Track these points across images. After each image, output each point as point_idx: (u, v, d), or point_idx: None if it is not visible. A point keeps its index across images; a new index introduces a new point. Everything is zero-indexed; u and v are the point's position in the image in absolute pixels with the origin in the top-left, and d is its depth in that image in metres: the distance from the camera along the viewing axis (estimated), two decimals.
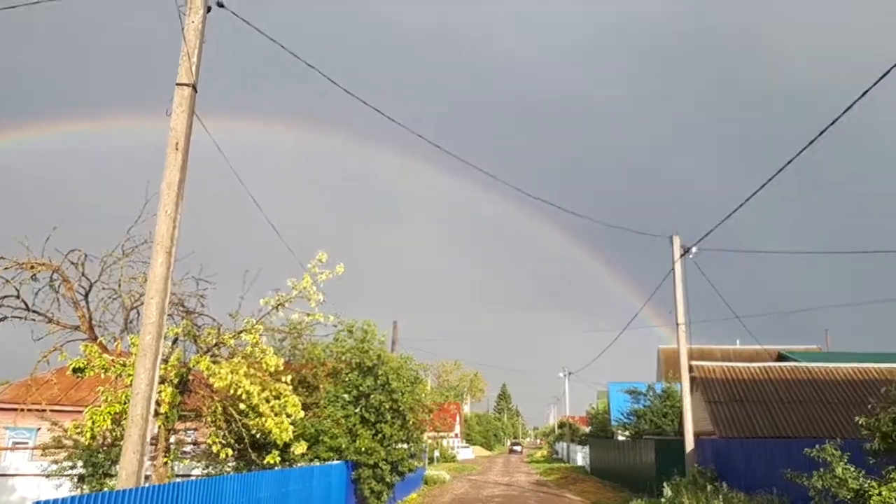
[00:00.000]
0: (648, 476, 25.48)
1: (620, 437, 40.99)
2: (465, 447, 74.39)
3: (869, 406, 11.82)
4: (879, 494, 9.74)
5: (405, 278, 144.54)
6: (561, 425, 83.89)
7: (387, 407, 17.51)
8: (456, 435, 77.06)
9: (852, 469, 10.64)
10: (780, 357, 36.43)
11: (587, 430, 66.64)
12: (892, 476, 10.05)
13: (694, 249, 22.62)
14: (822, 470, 11.12)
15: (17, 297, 11.14)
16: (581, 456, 54.18)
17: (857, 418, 11.69)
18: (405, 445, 18.51)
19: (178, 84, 9.69)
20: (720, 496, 16.56)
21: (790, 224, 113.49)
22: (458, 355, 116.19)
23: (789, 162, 14.41)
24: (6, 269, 10.92)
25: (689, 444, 21.95)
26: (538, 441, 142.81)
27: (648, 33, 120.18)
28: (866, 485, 10.18)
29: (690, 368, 25.54)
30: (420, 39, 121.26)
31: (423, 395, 20.05)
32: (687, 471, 21.41)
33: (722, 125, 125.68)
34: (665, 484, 21.58)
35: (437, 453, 53.23)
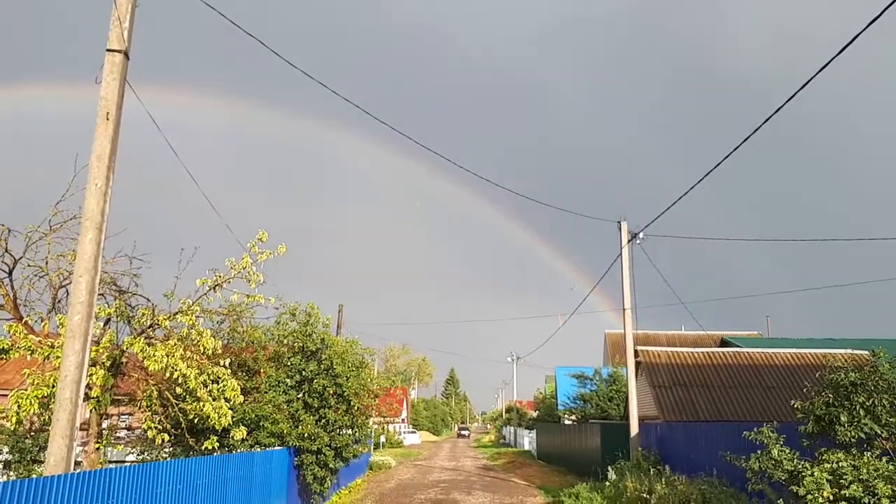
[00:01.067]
0: (594, 460, 25.86)
1: (567, 422, 41.57)
2: (412, 432, 74.47)
3: (804, 390, 12.12)
4: (812, 475, 9.96)
5: (351, 262, 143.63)
6: (508, 410, 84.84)
7: (331, 392, 17.22)
8: (403, 420, 77.10)
9: (787, 451, 10.88)
10: (724, 343, 37.44)
11: (535, 414, 67.57)
12: (824, 457, 10.31)
13: (641, 235, 22.89)
14: (759, 452, 11.34)
15: None
16: (528, 440, 54.84)
17: (792, 402, 11.97)
18: (350, 431, 18.25)
19: (108, 50, 9.15)
20: (663, 479, 16.85)
21: (735, 212, 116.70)
22: (406, 340, 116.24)
23: (734, 150, 14.60)
24: None
25: (634, 428, 22.31)
26: (487, 426, 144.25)
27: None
28: (800, 466, 10.41)
29: (636, 353, 25.96)
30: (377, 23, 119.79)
31: (369, 379, 19.80)
32: (631, 454, 21.76)
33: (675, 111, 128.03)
34: (610, 468, 21.90)
35: (383, 439, 53.15)
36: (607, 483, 20.55)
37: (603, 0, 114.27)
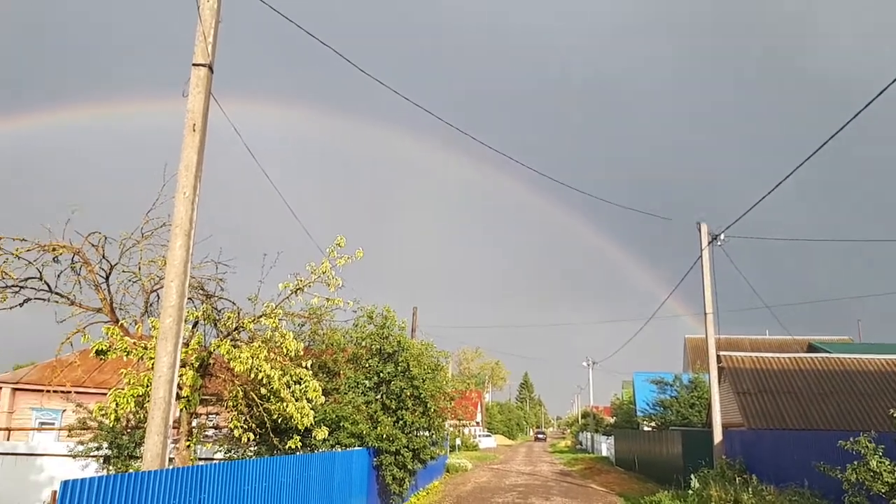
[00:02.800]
0: (675, 468, 25.13)
1: (646, 428, 40.60)
2: (487, 436, 74.33)
3: None
4: None
5: (426, 265, 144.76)
6: (585, 415, 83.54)
7: (408, 394, 17.40)
8: (477, 423, 77.06)
9: (887, 462, 10.28)
10: (811, 348, 35.71)
11: (612, 420, 66.28)
12: None
13: (722, 237, 22.13)
14: (855, 463, 10.76)
15: (40, 278, 11.16)
16: (605, 446, 53.84)
17: (891, 410, 11.30)
18: (427, 433, 18.40)
19: (194, 65, 9.55)
20: (749, 489, 16.21)
21: (821, 212, 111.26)
22: (480, 343, 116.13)
23: (820, 147, 13.95)
24: (28, 250, 10.93)
25: (717, 435, 21.55)
26: (562, 431, 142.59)
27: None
28: None
29: (718, 359, 25.09)
30: (451, 22, 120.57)
31: (445, 382, 19.90)
32: (715, 463, 21.04)
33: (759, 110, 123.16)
34: (692, 476, 21.24)
35: (458, 442, 53.25)
36: (690, 491, 19.93)
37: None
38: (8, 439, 23.98)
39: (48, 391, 14.35)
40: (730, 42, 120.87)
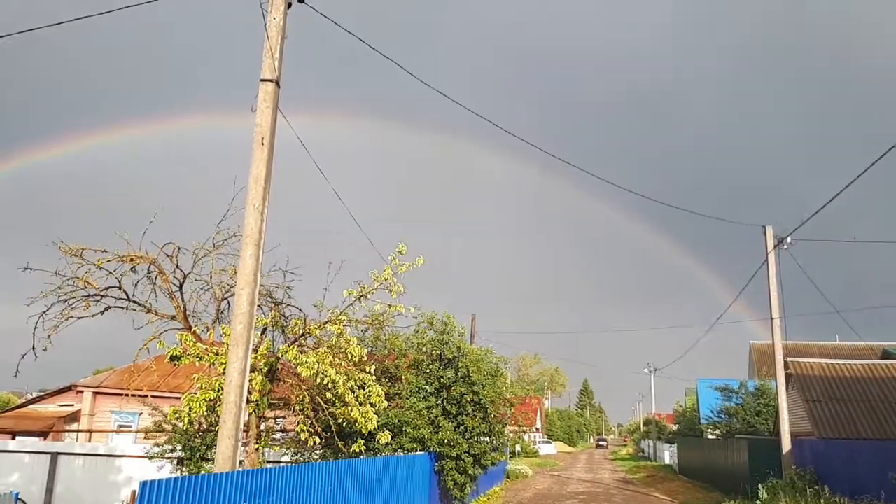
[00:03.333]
0: (741, 477, 24.46)
1: (710, 436, 39.59)
2: (547, 443, 73.69)
3: None
4: None
5: (485, 271, 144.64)
6: (646, 423, 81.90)
7: (468, 399, 17.51)
8: (537, 430, 76.52)
9: None
10: (886, 354, 34.20)
11: (674, 427, 64.80)
12: None
13: (788, 240, 21.50)
14: None
15: (119, 287, 11.75)
16: (668, 454, 52.69)
17: None
18: (487, 439, 18.47)
19: (261, 80, 9.91)
20: (821, 501, 15.68)
21: (892, 212, 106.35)
22: (538, 350, 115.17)
23: (891, 148, 13.46)
24: (108, 261, 11.53)
25: (786, 444, 20.91)
26: (623, 438, 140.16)
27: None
28: None
29: (786, 365, 24.33)
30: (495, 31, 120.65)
31: (504, 388, 19.94)
32: (784, 473, 20.41)
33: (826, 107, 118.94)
34: (760, 486, 20.65)
35: (518, 448, 52.95)
36: (758, 502, 19.39)
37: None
38: (89, 440, 25.18)
39: (126, 395, 15.03)
40: (797, 42, 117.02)
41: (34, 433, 24.51)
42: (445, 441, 16.64)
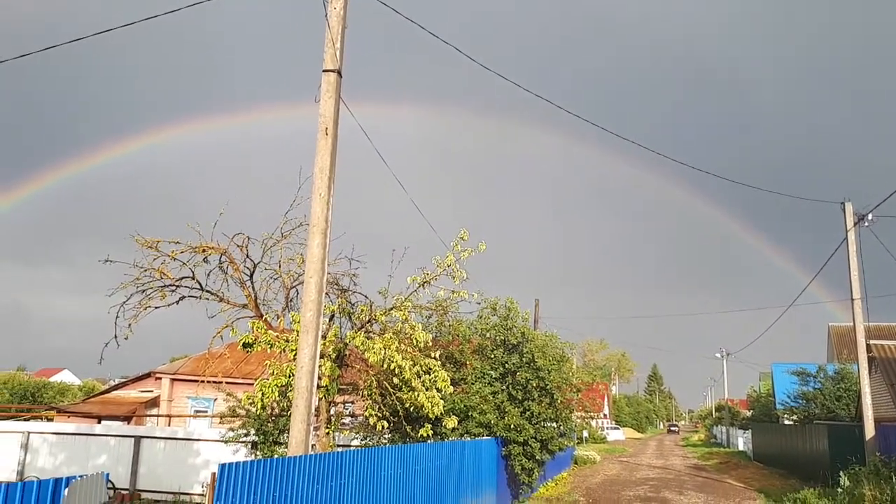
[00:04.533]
0: (821, 464, 23.58)
1: (786, 422, 38.30)
2: (615, 429, 72.83)
3: None
4: None
5: (545, 257, 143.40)
6: (719, 408, 79.90)
7: (533, 385, 17.42)
8: (605, 416, 75.66)
9: None
10: None
11: (748, 413, 63.01)
12: None
13: (870, 217, 20.46)
14: None
15: (193, 278, 12.16)
16: (742, 440, 51.29)
17: None
18: (554, 424, 18.37)
19: (324, 71, 10.01)
20: None
21: None
22: (604, 335, 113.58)
23: None
24: (182, 252, 11.94)
25: (869, 430, 20.02)
26: (694, 424, 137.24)
27: None
28: None
29: (868, 348, 23.24)
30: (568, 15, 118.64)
31: (570, 373, 19.75)
32: (867, 460, 19.56)
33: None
34: (841, 473, 19.85)
35: (585, 434, 52.55)
36: (839, 490, 18.64)
37: None
38: (168, 424, 26.33)
39: (202, 381, 15.59)
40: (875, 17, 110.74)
41: (118, 417, 25.80)
42: (512, 426, 16.62)
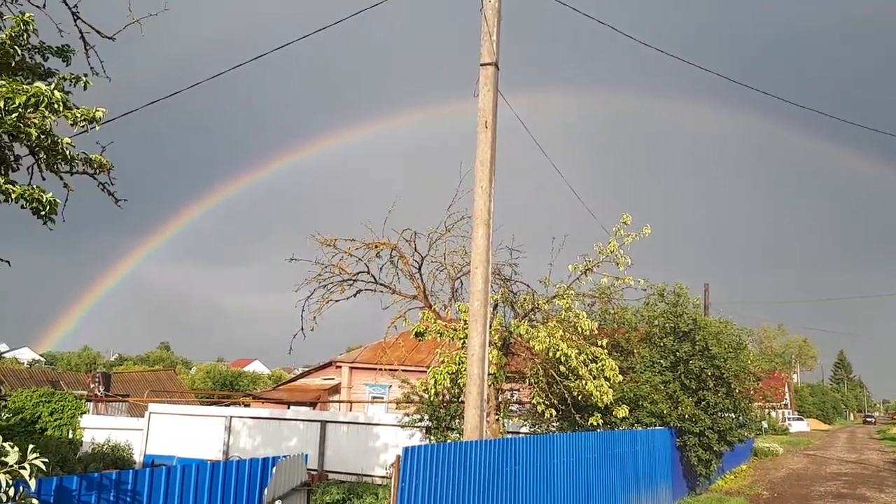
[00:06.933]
0: None
1: None
2: (799, 419, 67.60)
3: None
4: None
5: (715, 239, 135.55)
6: None
7: (708, 374, 16.65)
8: (785, 406, 70.47)
9: None
10: None
11: None
12: None
13: None
14: None
15: (367, 272, 12.94)
16: None
17: None
18: (732, 414, 17.46)
19: (482, 64, 10.18)
20: None
21: None
22: (782, 320, 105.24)
23: None
24: (357, 248, 12.74)
25: None
26: (891, 416, 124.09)
27: None
28: None
29: None
30: None
31: (749, 361, 18.61)
32: None
33: None
34: None
35: (765, 425, 49.26)
36: None
37: None
38: (350, 410, 28.18)
39: (380, 369, 16.51)
40: None
41: (304, 403, 28.01)
42: (686, 416, 16.02)
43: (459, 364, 12.24)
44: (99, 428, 22.29)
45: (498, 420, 13.68)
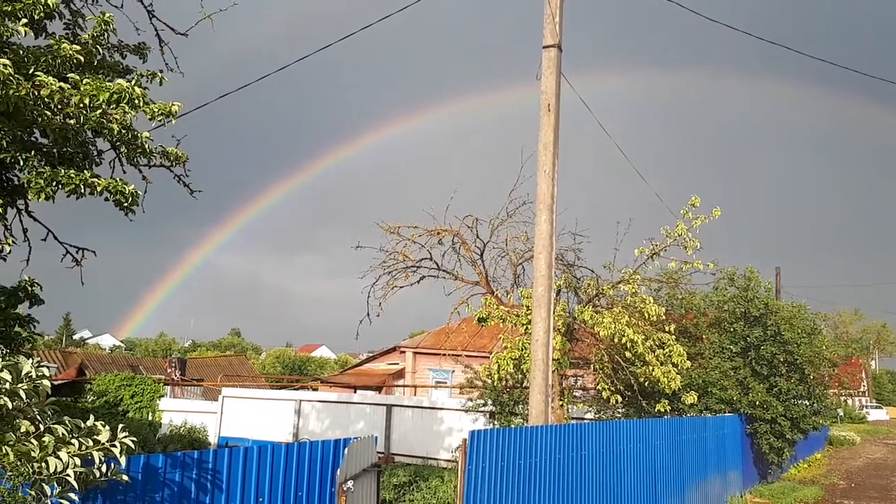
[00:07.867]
0: None
1: None
2: (878, 407, 64.84)
3: None
4: None
5: (787, 222, 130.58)
6: None
7: (780, 360, 16.14)
8: (863, 393, 67.62)
9: None
10: None
11: None
12: None
13: None
14: None
15: (430, 258, 13.05)
16: None
17: None
18: (806, 402, 16.90)
19: (544, 47, 10.08)
20: None
21: None
22: (858, 304, 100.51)
23: None
24: (420, 236, 12.85)
25: None
26: None
27: None
28: None
29: None
30: None
31: (823, 346, 17.94)
32: None
33: None
34: None
35: (840, 413, 47.42)
36: None
37: None
38: (414, 394, 28.58)
39: (443, 355, 16.66)
40: None
41: (370, 387, 28.56)
42: (757, 403, 15.59)
43: (522, 350, 12.23)
44: (176, 411, 23.29)
45: (562, 406, 13.64)
